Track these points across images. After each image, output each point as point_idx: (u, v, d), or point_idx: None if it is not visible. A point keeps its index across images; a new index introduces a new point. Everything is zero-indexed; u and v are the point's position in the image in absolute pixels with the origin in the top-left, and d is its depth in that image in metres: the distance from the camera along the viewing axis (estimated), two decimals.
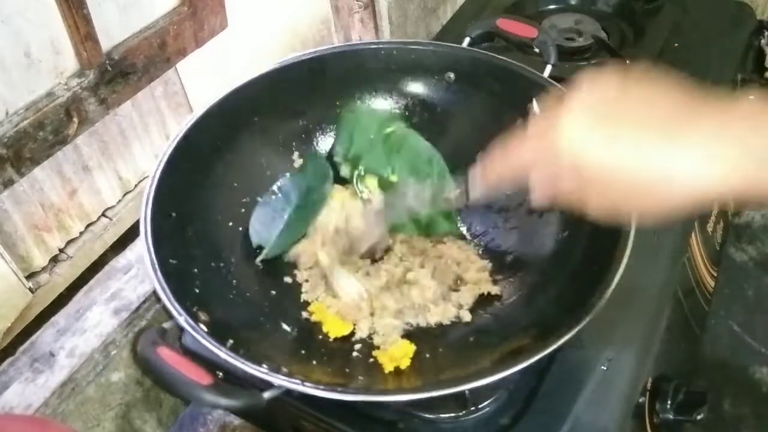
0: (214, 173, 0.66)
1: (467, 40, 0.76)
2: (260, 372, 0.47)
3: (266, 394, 0.46)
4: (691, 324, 0.78)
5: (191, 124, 0.64)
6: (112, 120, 0.71)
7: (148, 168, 0.79)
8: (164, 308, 0.60)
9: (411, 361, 0.56)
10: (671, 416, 0.61)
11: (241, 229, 0.65)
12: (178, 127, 0.63)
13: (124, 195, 0.76)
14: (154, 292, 0.60)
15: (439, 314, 0.61)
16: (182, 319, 0.49)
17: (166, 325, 0.51)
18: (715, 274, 0.88)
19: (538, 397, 0.56)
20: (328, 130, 0.74)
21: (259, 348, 0.53)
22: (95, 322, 0.60)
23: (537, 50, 0.72)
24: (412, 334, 0.60)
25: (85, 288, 0.66)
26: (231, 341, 0.50)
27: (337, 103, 0.74)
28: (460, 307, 0.62)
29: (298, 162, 0.72)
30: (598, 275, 0.52)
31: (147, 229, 0.55)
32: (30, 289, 0.66)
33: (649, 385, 0.61)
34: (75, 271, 0.71)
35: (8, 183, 0.55)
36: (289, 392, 0.47)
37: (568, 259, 0.61)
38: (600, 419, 0.55)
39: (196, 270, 0.58)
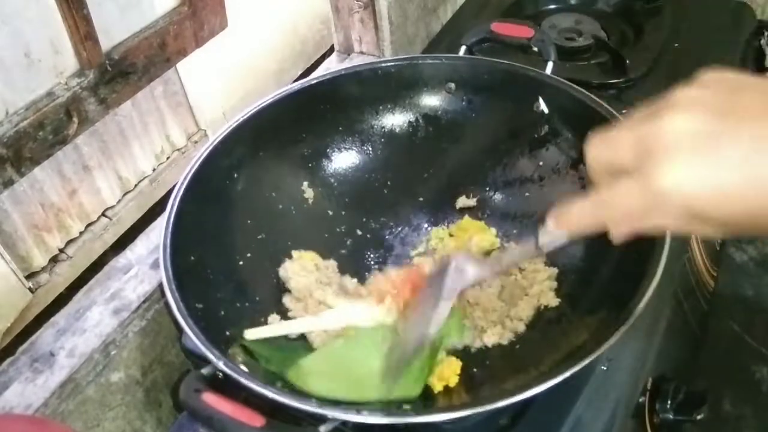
0: (225, 213, 0.65)
1: (463, 48, 0.75)
2: (312, 407, 0.45)
3: (323, 428, 0.45)
4: (691, 324, 0.78)
5: (196, 167, 0.63)
6: (112, 120, 0.71)
7: (147, 168, 0.79)
8: (189, 351, 0.59)
9: (459, 378, 0.54)
10: (671, 416, 0.61)
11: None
12: (183, 171, 0.62)
13: (124, 195, 0.76)
14: (181, 332, 0.59)
15: (496, 335, 0.58)
16: (221, 363, 0.48)
17: (204, 370, 0.49)
18: (715, 274, 0.88)
19: (538, 397, 0.56)
20: (333, 155, 0.74)
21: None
22: (95, 322, 0.60)
23: (536, 49, 0.72)
24: (456, 351, 0.58)
25: (85, 288, 0.66)
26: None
27: (339, 128, 0.74)
28: (520, 320, 0.59)
29: (308, 192, 0.71)
30: (642, 257, 0.51)
31: (169, 275, 0.54)
32: (30, 289, 0.66)
33: (649, 385, 0.61)
34: (75, 271, 0.71)
35: (8, 183, 0.55)
36: (343, 423, 0.46)
37: (605, 251, 0.59)
38: (600, 419, 0.55)
39: (222, 312, 0.57)
